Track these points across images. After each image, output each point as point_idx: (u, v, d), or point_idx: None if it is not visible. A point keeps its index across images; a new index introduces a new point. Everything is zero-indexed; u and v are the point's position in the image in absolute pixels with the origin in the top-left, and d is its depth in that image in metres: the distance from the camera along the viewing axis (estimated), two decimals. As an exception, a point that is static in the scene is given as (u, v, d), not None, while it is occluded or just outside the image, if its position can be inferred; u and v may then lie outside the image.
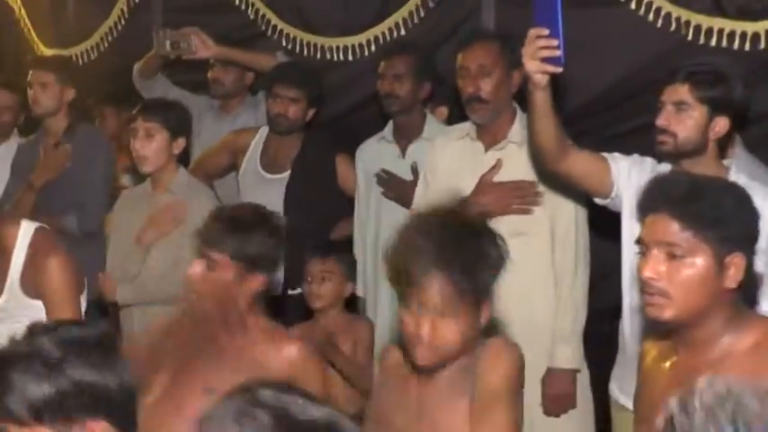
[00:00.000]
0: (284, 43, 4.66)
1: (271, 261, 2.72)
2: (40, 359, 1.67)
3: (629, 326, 3.00)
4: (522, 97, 3.23)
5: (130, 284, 3.71)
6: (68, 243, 3.77)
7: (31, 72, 4.52)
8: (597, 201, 3.11)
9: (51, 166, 4.34)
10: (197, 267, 2.65)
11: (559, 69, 2.76)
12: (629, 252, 2.95)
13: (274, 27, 4.71)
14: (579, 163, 3.01)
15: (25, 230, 3.01)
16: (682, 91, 2.84)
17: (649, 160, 3.04)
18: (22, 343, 1.73)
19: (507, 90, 3.44)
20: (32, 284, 2.99)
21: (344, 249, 3.94)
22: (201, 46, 4.39)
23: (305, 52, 4.61)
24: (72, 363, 1.68)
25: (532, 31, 2.78)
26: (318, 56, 4.58)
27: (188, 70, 4.76)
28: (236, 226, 2.64)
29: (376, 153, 4.04)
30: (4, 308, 3.01)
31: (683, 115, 2.83)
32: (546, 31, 2.74)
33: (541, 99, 2.85)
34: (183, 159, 4.01)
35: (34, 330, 1.76)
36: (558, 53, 2.72)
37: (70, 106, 4.49)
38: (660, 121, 2.87)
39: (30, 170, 4.38)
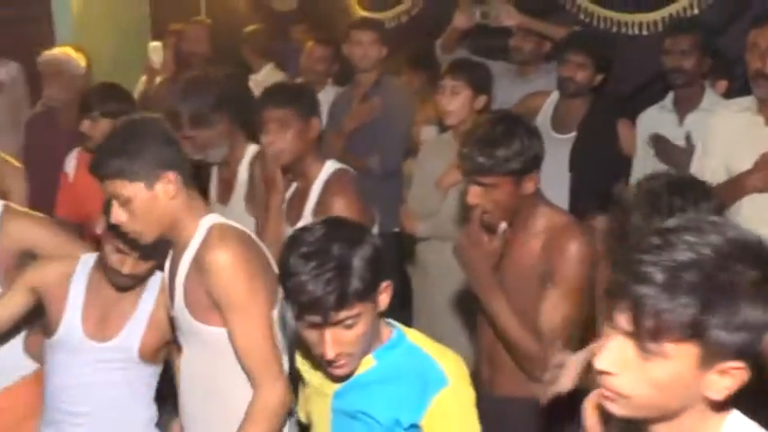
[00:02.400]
0: (581, 17, 4.98)
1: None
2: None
3: None
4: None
5: (429, 221, 4.13)
6: (371, 180, 4.35)
7: (352, 31, 5.08)
8: None
9: (361, 115, 4.89)
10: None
11: None
12: None
13: (573, 1, 5.06)
14: None
15: (327, 169, 3.43)
16: None
17: None
18: None
19: None
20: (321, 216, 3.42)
21: None
22: (506, 14, 4.79)
23: (600, 26, 4.91)
24: None
25: None
26: (614, 30, 4.88)
27: (487, 37, 5.17)
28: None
29: (656, 121, 4.29)
30: None
31: None
32: None
33: None
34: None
35: None
36: None
37: (380, 63, 5.04)
38: None
39: (343, 116, 4.96)
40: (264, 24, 6.44)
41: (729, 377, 1.43)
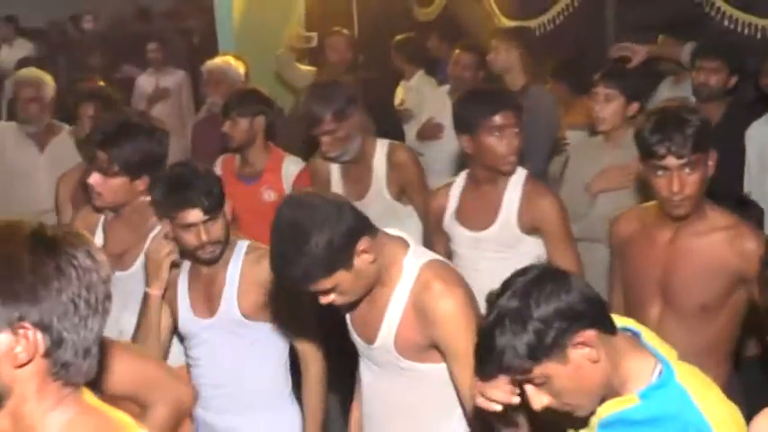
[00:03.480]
0: (726, 23, 5.09)
1: None
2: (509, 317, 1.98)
3: None
4: None
5: (579, 222, 4.16)
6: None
7: (494, 40, 5.31)
8: None
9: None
10: None
11: None
12: None
13: (717, 8, 5.18)
14: None
15: (520, 174, 3.58)
16: None
17: None
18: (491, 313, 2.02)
19: None
20: (528, 220, 3.52)
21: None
22: (635, 53, 4.94)
23: (745, 32, 5.02)
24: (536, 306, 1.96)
25: None
26: (759, 36, 4.98)
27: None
28: None
29: (763, 134, 4.36)
30: (496, 238, 3.57)
31: None
32: None
33: None
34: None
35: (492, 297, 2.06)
36: None
37: (525, 69, 5.21)
38: None
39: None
40: (413, 33, 6.70)
41: None
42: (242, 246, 3.14)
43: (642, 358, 2.10)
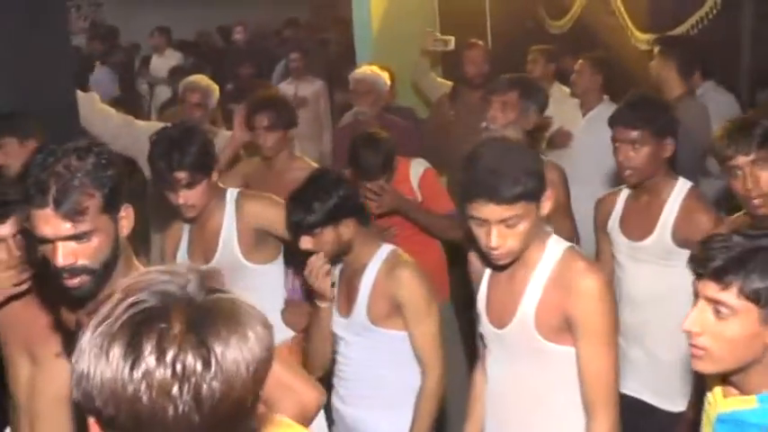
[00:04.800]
0: None
1: None
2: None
3: None
4: None
5: None
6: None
7: (656, 50, 5.33)
8: None
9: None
10: None
11: None
12: None
13: None
14: None
15: (681, 186, 3.56)
16: None
17: None
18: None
19: None
20: (683, 234, 3.46)
21: None
22: None
23: None
24: None
25: None
26: None
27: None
28: None
29: None
30: (652, 248, 3.55)
31: None
32: None
33: None
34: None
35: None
36: None
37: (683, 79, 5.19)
38: None
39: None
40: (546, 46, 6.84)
41: None
42: (383, 252, 3.28)
43: None
